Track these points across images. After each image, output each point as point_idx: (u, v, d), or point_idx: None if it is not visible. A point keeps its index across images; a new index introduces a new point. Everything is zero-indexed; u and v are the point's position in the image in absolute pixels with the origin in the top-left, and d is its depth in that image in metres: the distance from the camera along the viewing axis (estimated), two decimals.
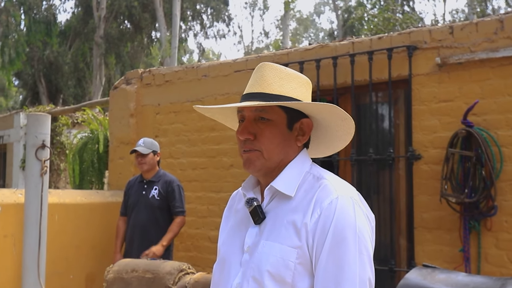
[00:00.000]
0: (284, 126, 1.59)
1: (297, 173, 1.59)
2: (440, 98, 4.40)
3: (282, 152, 1.59)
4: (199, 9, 27.90)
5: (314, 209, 1.49)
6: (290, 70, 1.65)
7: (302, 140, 1.63)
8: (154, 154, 5.04)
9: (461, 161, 4.27)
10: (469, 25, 4.34)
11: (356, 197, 1.53)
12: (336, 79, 4.84)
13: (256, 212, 1.58)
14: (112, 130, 6.46)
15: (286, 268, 1.48)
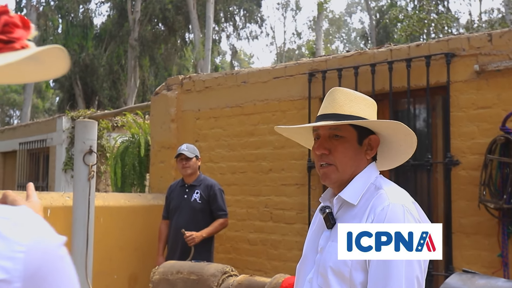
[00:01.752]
0: (355, 142, 1.88)
1: (363, 184, 1.84)
2: (478, 105, 4.45)
3: (354, 165, 1.86)
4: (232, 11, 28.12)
5: (369, 215, 1.75)
6: (358, 93, 1.94)
7: (371, 154, 1.90)
8: (197, 159, 5.22)
9: (500, 167, 4.31)
10: (508, 32, 4.38)
11: (409, 205, 1.75)
12: (374, 86, 4.93)
13: (328, 218, 1.85)
14: (153, 134, 6.65)
15: (344, 265, 1.74)
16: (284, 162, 5.59)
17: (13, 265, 0.62)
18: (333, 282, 1.75)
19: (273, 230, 5.61)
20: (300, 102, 5.49)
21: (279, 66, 5.86)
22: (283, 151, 5.60)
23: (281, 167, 5.60)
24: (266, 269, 5.53)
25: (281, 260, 5.51)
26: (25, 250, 0.64)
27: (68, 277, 0.69)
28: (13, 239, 0.63)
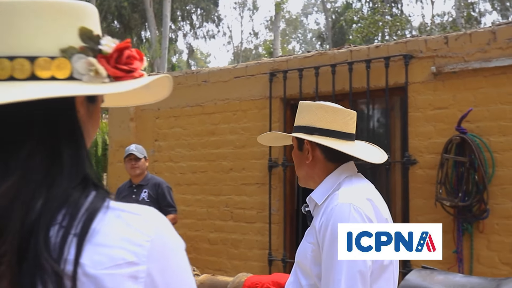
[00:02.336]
0: (296, 149, 2.07)
1: (330, 185, 1.96)
2: (435, 106, 4.58)
3: (300, 169, 2.06)
4: (189, 9, 27.97)
5: (322, 214, 1.86)
6: (307, 102, 2.11)
7: (309, 157, 2.01)
8: (145, 159, 5.19)
9: (455, 166, 4.44)
10: (463, 35, 4.52)
11: (359, 204, 1.82)
12: (334, 86, 5.00)
13: (307, 216, 2.06)
14: (111, 133, 6.56)
15: (305, 258, 1.90)
16: (244, 161, 5.61)
17: (140, 251, 0.78)
18: (300, 274, 1.93)
19: (233, 229, 5.62)
20: (261, 101, 5.52)
21: (240, 65, 5.88)
22: (244, 150, 5.61)
23: (242, 167, 5.62)
24: (226, 268, 5.54)
25: (242, 259, 5.52)
26: (151, 240, 0.79)
27: (183, 269, 0.85)
28: (143, 231, 0.80)
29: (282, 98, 5.38)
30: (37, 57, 0.83)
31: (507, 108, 4.28)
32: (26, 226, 0.75)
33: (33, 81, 0.82)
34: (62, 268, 0.73)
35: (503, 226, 4.26)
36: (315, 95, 5.13)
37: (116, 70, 0.88)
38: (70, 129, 0.86)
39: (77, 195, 0.80)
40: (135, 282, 0.77)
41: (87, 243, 0.76)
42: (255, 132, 5.55)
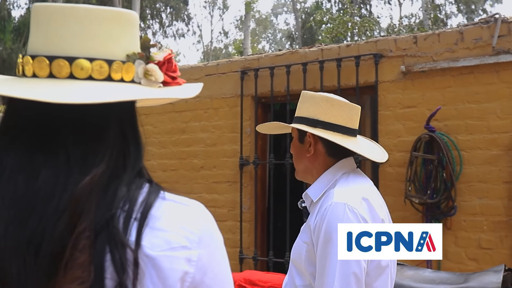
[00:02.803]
0: (297, 141, 2.03)
1: (327, 181, 1.93)
2: (404, 104, 4.65)
3: (299, 162, 2.02)
4: (159, 8, 27.79)
5: (317, 214, 1.85)
6: (310, 93, 2.03)
7: (311, 150, 1.96)
8: None
9: (424, 164, 4.52)
10: (432, 35, 4.60)
11: (354, 203, 1.80)
12: (305, 85, 5.03)
13: (303, 212, 2.04)
14: None
15: (299, 258, 1.89)
16: (215, 159, 5.60)
17: (193, 237, 0.88)
18: (294, 274, 1.92)
19: None
20: (232, 99, 5.52)
21: (211, 63, 5.87)
22: (215, 148, 5.60)
23: (213, 165, 5.61)
24: None
25: None
26: (201, 229, 0.90)
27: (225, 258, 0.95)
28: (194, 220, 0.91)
29: (253, 96, 5.39)
30: (113, 61, 0.93)
31: (474, 107, 4.37)
32: (101, 208, 0.84)
33: (109, 82, 0.93)
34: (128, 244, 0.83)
35: (470, 223, 4.35)
36: (286, 94, 5.16)
37: (166, 77, 1.00)
38: (134, 125, 0.97)
39: (136, 185, 0.90)
40: (188, 264, 0.86)
41: (146, 227, 0.85)
42: (226, 130, 5.55)
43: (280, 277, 3.67)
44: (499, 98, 4.28)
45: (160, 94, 0.99)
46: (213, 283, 0.90)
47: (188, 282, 0.86)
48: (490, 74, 4.32)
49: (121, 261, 0.81)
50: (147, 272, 0.83)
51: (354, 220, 1.77)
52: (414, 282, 3.06)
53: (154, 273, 0.83)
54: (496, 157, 4.28)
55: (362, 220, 1.78)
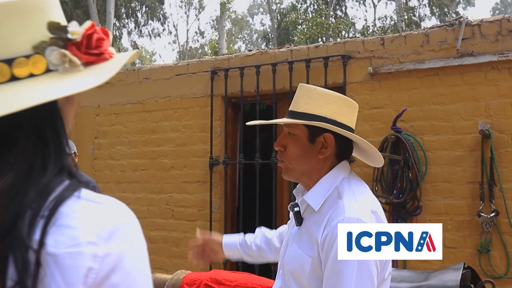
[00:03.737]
0: (305, 140, 1.83)
1: (327, 188, 1.81)
2: (372, 105, 4.71)
3: (303, 163, 1.84)
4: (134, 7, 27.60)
5: (326, 227, 1.72)
6: (321, 89, 1.89)
7: (326, 152, 1.82)
8: (75, 155, 5.06)
9: (391, 164, 4.58)
10: (398, 37, 4.67)
11: (365, 217, 1.71)
12: (275, 85, 5.06)
13: (295, 217, 1.85)
14: None
15: (302, 271, 1.77)
16: (186, 159, 5.59)
17: (102, 233, 0.83)
18: (293, 283, 1.81)
19: (174, 227, 5.60)
20: (203, 99, 5.52)
21: (181, 63, 5.86)
22: (185, 148, 5.60)
23: (183, 165, 5.61)
24: (167, 267, 5.51)
25: (183, 258, 5.51)
26: (114, 225, 0.86)
27: (142, 257, 0.91)
28: (108, 217, 0.86)
29: (223, 96, 5.40)
30: (14, 59, 0.87)
31: (439, 108, 4.45)
32: (10, 212, 0.81)
33: (14, 82, 0.86)
34: (30, 245, 0.80)
35: (435, 222, 4.41)
36: (256, 94, 5.18)
37: (88, 56, 0.92)
38: (54, 122, 0.90)
39: (54, 183, 0.86)
40: (93, 260, 0.81)
41: (52, 225, 0.81)
42: (196, 130, 5.55)
43: (246, 276, 3.68)
44: (463, 100, 4.36)
45: (70, 89, 0.90)
46: (122, 282, 0.84)
47: (92, 279, 0.82)
48: (455, 76, 4.40)
49: (22, 262, 0.79)
50: (48, 271, 0.80)
51: None
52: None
53: (57, 271, 0.80)
54: (460, 157, 4.36)
55: None
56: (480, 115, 4.29)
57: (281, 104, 5.21)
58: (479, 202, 4.23)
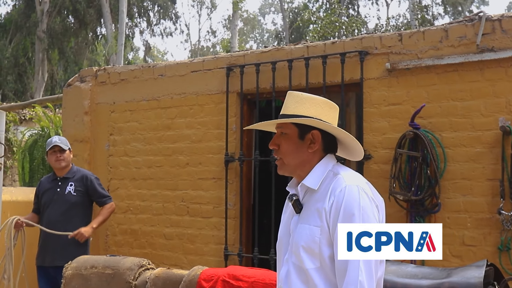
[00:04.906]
0: (296, 137, 2.15)
1: (321, 172, 2.12)
2: (389, 102, 4.66)
3: (297, 157, 2.14)
4: (146, 6, 27.66)
5: (330, 197, 2.00)
6: (306, 94, 2.20)
7: (314, 147, 2.14)
8: (70, 151, 5.06)
9: (408, 161, 4.53)
10: (417, 33, 4.62)
11: (363, 185, 2.02)
12: (291, 81, 5.03)
13: (295, 204, 2.13)
14: (65, 127, 6.42)
15: (313, 242, 2.01)
16: (201, 156, 5.58)
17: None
18: (305, 258, 2.02)
19: (189, 224, 5.58)
20: (218, 96, 5.50)
21: (197, 60, 5.84)
22: (200, 145, 5.58)
23: (198, 161, 5.59)
24: (182, 263, 5.50)
25: (198, 254, 5.50)
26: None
27: None
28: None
29: (239, 93, 5.38)
30: None
31: (458, 105, 4.39)
32: None
33: None
34: None
35: (454, 220, 4.37)
36: (271, 90, 5.15)
37: None
38: None
39: None
40: None
41: None
42: (211, 127, 5.53)
43: (264, 272, 3.66)
44: (483, 96, 4.31)
45: None
46: None
47: None
48: (474, 72, 4.34)
49: None
50: None
51: (367, 199, 1.97)
52: (397, 277, 3.06)
53: None
54: (480, 154, 4.30)
55: (371, 199, 1.99)
56: (501, 112, 4.23)
57: None
58: (499, 199, 4.17)
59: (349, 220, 1.93)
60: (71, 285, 4.17)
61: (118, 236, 6.01)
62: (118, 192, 6.02)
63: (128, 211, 5.98)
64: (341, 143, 2.23)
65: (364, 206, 1.95)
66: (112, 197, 5.19)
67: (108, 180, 6.09)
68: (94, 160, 6.25)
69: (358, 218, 1.92)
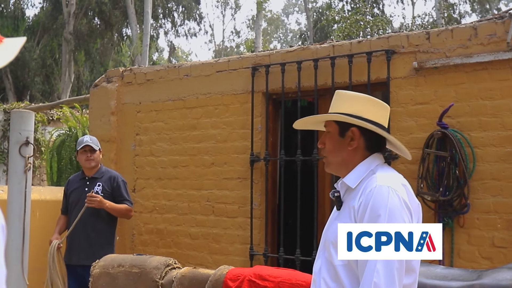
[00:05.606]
0: (337, 135, 2.17)
1: (363, 171, 2.10)
2: (416, 101, 4.60)
3: (338, 155, 2.15)
4: (171, 7, 27.82)
5: (360, 196, 2.00)
6: (352, 93, 2.23)
7: (353, 144, 2.12)
8: (100, 151, 5.10)
9: (436, 161, 4.47)
10: (445, 31, 4.55)
11: (396, 187, 1.98)
12: (316, 81, 5.00)
13: (336, 201, 2.15)
14: (92, 127, 6.49)
15: None
16: (226, 156, 5.58)
17: None
18: (334, 254, 2.02)
19: (215, 224, 5.59)
20: (243, 96, 5.50)
21: (222, 59, 5.85)
22: (225, 144, 5.59)
23: (224, 161, 5.59)
24: (208, 263, 5.51)
25: (223, 254, 5.50)
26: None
27: None
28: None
29: (264, 92, 5.37)
30: None
31: (488, 104, 4.32)
32: None
33: None
34: None
35: (483, 221, 4.29)
36: (297, 90, 5.13)
37: None
38: None
39: None
40: None
41: None
42: (237, 127, 5.53)
43: (290, 272, 3.64)
44: None
45: None
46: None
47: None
48: (505, 70, 4.26)
49: None
50: None
51: (397, 201, 1.93)
52: (426, 279, 3.02)
53: None
54: (510, 154, 4.22)
55: (404, 202, 1.94)
56: None
57: (322, 100, 5.15)
58: None
59: (374, 220, 1.91)
60: (98, 283, 4.21)
61: (144, 235, 6.05)
62: (144, 192, 6.07)
63: (154, 210, 6.01)
64: (390, 142, 2.21)
65: (392, 208, 1.91)
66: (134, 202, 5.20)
67: (134, 180, 6.13)
68: (120, 160, 6.30)
69: (384, 219, 1.90)
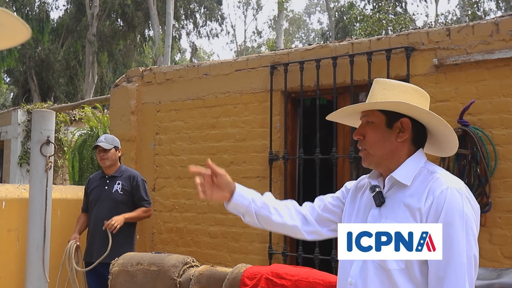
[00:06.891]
0: (383, 126, 1.99)
1: (414, 167, 1.95)
2: (437, 98, 4.54)
3: (383, 147, 1.98)
4: (193, 8, 27.97)
5: (428, 197, 1.85)
6: (395, 81, 2.07)
7: (403, 136, 1.97)
8: (116, 149, 5.12)
9: (457, 159, 4.40)
10: (466, 27, 4.48)
11: (464, 189, 1.86)
12: (335, 79, 4.97)
13: (377, 196, 1.97)
14: (113, 127, 6.55)
15: None
16: (245, 154, 5.58)
17: None
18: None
19: (234, 222, 5.59)
20: (262, 94, 5.49)
21: (241, 58, 5.85)
22: (244, 143, 5.59)
23: (243, 160, 5.59)
24: (227, 262, 5.51)
25: (242, 253, 5.50)
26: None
27: None
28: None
29: (283, 91, 5.35)
30: None
31: (510, 101, 4.24)
32: None
33: None
34: None
35: (505, 220, 4.22)
36: (316, 88, 5.10)
37: None
38: None
39: None
40: None
41: None
42: (255, 125, 5.53)
43: (307, 271, 3.62)
44: None
45: None
46: None
47: None
48: None
49: None
50: None
51: (469, 205, 1.83)
52: None
53: None
54: None
55: (473, 205, 1.85)
56: None
57: (341, 98, 5.11)
58: None
59: (449, 225, 1.79)
60: (117, 281, 4.24)
61: (164, 234, 6.08)
62: (163, 191, 6.10)
63: (173, 209, 6.04)
64: (431, 136, 2.05)
65: (468, 213, 1.81)
66: (152, 203, 5.24)
67: (154, 179, 6.17)
68: (140, 159, 6.35)
69: (460, 225, 1.79)
